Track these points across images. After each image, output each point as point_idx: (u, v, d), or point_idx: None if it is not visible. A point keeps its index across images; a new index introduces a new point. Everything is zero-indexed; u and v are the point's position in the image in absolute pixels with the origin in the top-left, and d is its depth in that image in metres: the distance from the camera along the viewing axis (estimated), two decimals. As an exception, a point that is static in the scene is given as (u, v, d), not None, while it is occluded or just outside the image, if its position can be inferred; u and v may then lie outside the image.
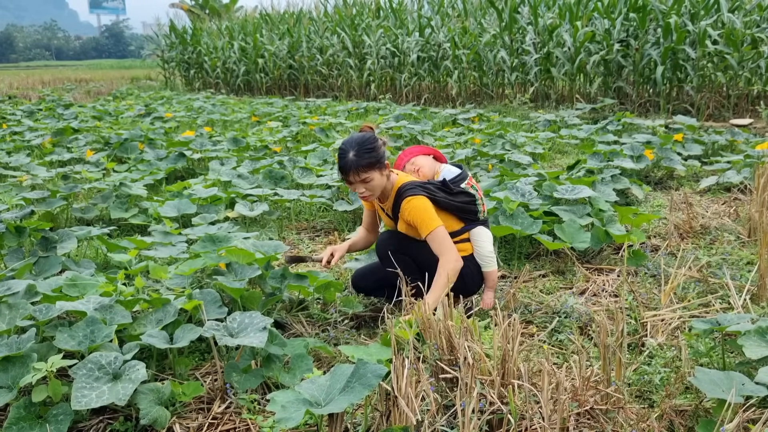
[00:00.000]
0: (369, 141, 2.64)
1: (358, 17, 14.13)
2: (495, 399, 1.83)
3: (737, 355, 2.28)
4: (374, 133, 2.72)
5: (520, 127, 8.17)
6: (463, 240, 2.81)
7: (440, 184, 2.76)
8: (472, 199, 2.79)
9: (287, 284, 2.80)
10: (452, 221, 2.77)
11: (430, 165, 2.95)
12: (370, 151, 2.62)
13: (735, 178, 4.83)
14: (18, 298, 2.44)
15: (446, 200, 2.72)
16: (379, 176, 2.66)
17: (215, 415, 2.15)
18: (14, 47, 79.47)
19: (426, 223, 2.62)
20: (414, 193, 2.65)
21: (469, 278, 2.78)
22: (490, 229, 2.90)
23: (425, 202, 2.64)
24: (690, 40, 8.75)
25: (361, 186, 2.66)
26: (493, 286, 2.86)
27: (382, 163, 2.66)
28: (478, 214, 2.83)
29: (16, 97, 15.68)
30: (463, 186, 2.79)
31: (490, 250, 2.82)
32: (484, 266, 2.82)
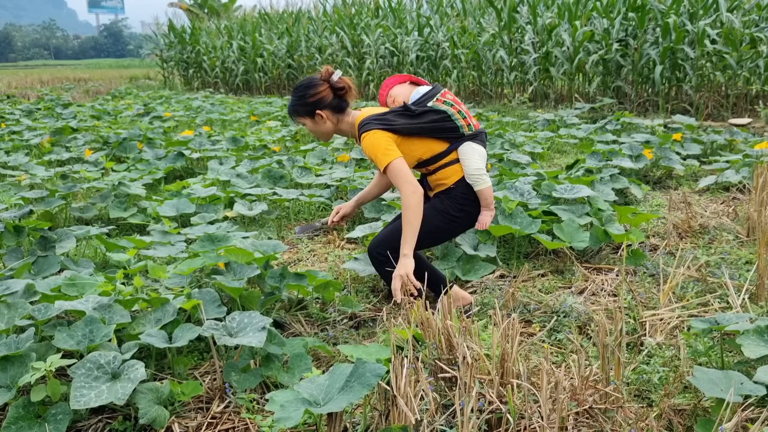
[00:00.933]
0: (303, 88, 2.62)
1: (357, 17, 14.13)
2: (494, 398, 1.83)
3: (736, 355, 2.29)
4: (319, 79, 2.63)
5: (518, 126, 8.17)
6: (452, 161, 2.65)
7: (401, 110, 2.63)
8: (444, 116, 2.62)
9: (286, 284, 2.80)
10: (433, 144, 2.63)
11: (405, 93, 2.78)
12: (300, 99, 2.62)
13: (734, 178, 4.84)
14: (17, 297, 2.44)
15: (409, 125, 2.58)
16: (312, 123, 2.64)
17: (214, 415, 2.15)
18: (13, 46, 79.37)
19: (379, 159, 2.51)
20: (367, 128, 2.56)
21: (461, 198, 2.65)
22: (484, 143, 2.71)
23: (377, 137, 2.53)
24: (689, 40, 8.76)
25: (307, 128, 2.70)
26: (488, 205, 2.69)
27: (312, 111, 2.62)
28: (461, 130, 2.65)
29: (15, 96, 15.67)
30: (430, 104, 2.62)
31: (476, 167, 2.63)
32: (475, 186, 2.65)
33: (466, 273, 3.19)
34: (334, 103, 2.62)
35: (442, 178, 2.68)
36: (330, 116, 2.63)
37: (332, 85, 2.61)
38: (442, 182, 2.69)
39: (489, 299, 2.94)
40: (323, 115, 2.62)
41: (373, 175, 4.92)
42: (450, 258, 3.26)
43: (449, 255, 3.28)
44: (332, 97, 2.62)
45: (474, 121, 2.71)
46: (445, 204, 2.71)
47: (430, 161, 2.66)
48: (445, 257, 3.27)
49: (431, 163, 2.67)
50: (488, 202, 2.69)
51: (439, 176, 2.69)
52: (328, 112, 2.62)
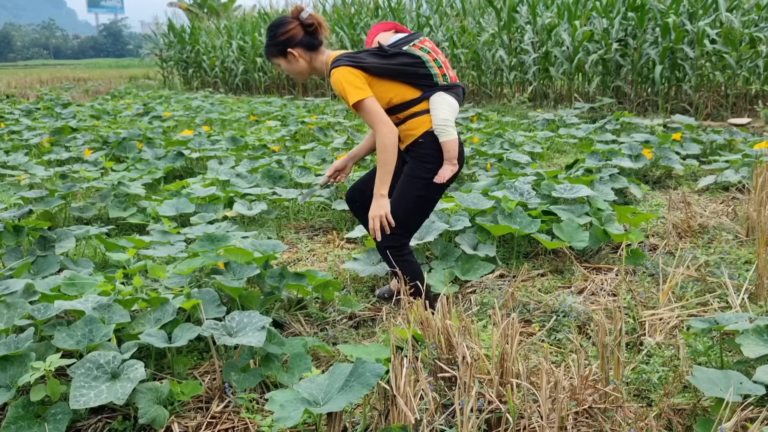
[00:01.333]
0: (274, 27, 2.62)
1: (356, 16, 14.13)
2: (493, 398, 1.83)
3: (735, 354, 2.29)
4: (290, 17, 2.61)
5: (518, 126, 8.17)
6: (423, 111, 2.58)
7: (375, 50, 2.57)
8: (418, 60, 2.54)
9: (286, 283, 2.80)
10: (405, 90, 2.56)
11: (386, 39, 2.71)
12: (272, 38, 2.62)
13: (733, 178, 4.84)
14: (16, 297, 2.44)
15: (379, 65, 2.51)
16: (286, 63, 2.63)
17: (214, 415, 2.15)
18: (12, 46, 79.33)
19: (349, 94, 2.45)
20: (336, 65, 2.50)
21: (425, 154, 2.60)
22: (459, 97, 2.63)
23: (345, 73, 2.47)
24: (688, 40, 8.76)
25: (280, 69, 2.73)
26: (450, 158, 2.59)
27: (284, 49, 2.59)
28: (435, 78, 2.57)
29: (14, 96, 15.66)
30: (406, 48, 2.55)
31: (443, 117, 2.55)
32: (440, 137, 2.56)
33: (466, 272, 3.19)
34: (306, 40, 2.59)
35: (410, 128, 2.60)
36: (303, 54, 2.59)
37: (302, 22, 2.58)
38: (411, 132, 2.61)
39: (488, 299, 2.94)
40: (295, 54, 2.59)
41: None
42: (449, 258, 3.26)
43: (448, 255, 3.28)
44: (303, 34, 2.58)
45: (451, 73, 2.64)
46: (415, 168, 2.63)
47: (401, 107, 2.58)
48: (445, 257, 3.27)
49: (402, 110, 2.59)
50: (450, 155, 2.59)
51: (408, 126, 2.60)
52: (300, 50, 2.58)
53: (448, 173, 2.61)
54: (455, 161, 2.60)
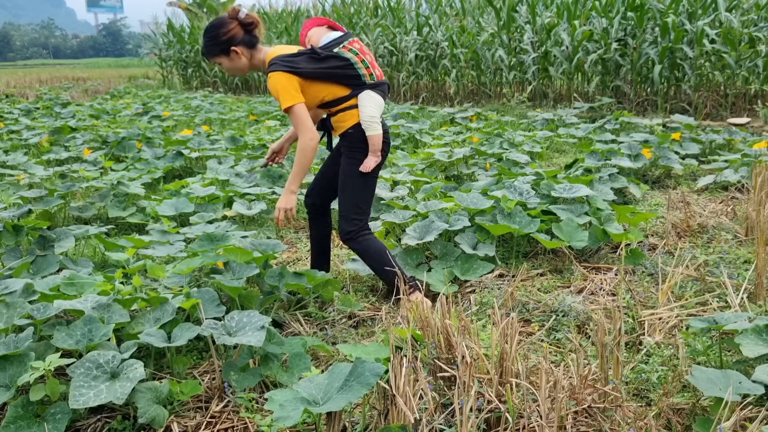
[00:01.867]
0: (214, 28, 2.74)
1: (356, 16, 14.12)
2: (493, 397, 1.84)
3: (734, 354, 2.29)
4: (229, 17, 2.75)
5: (517, 125, 8.17)
6: (352, 106, 2.81)
7: (308, 53, 2.75)
8: (347, 63, 2.74)
9: (285, 283, 2.80)
10: (336, 88, 2.77)
11: (319, 35, 2.86)
12: (213, 39, 2.73)
13: (732, 177, 4.84)
14: (15, 296, 2.44)
15: (312, 69, 2.70)
16: (229, 61, 2.77)
17: (213, 414, 2.15)
18: (11, 46, 79.28)
19: (281, 99, 2.67)
20: (273, 69, 2.68)
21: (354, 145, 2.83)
22: (385, 93, 2.85)
23: (280, 79, 2.65)
24: (688, 39, 8.76)
25: (220, 68, 2.83)
26: (375, 151, 2.83)
27: (227, 48, 2.73)
28: (363, 78, 2.78)
29: (14, 95, 15.65)
30: (336, 50, 2.73)
31: (369, 114, 2.78)
32: (366, 131, 2.81)
33: (465, 272, 3.19)
34: (246, 39, 2.75)
35: (341, 120, 2.84)
36: (244, 52, 2.75)
37: (241, 22, 2.74)
38: (342, 124, 2.85)
39: (488, 298, 2.94)
40: (238, 51, 2.74)
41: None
42: (448, 257, 3.26)
43: (448, 254, 3.28)
44: (243, 33, 2.74)
45: (378, 72, 2.84)
46: (351, 154, 2.87)
47: (332, 104, 2.81)
48: (444, 256, 3.27)
49: (333, 106, 2.82)
50: (375, 148, 2.84)
51: (339, 118, 2.84)
52: (242, 48, 2.74)
53: (371, 163, 2.85)
54: (379, 153, 2.86)
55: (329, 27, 2.90)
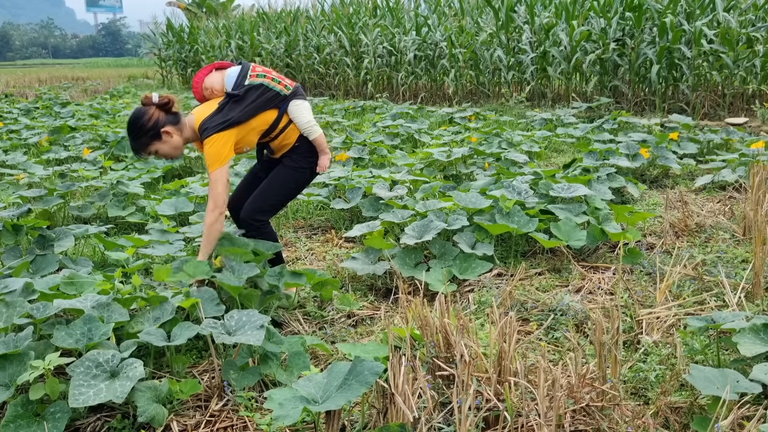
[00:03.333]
0: (136, 120, 2.75)
1: (355, 16, 14.12)
2: (491, 396, 1.84)
3: (732, 353, 2.30)
4: (144, 106, 2.77)
5: (516, 125, 8.18)
6: (288, 123, 2.91)
7: (228, 99, 2.80)
8: (264, 88, 2.83)
9: (285, 282, 2.81)
10: (266, 115, 2.86)
11: (218, 79, 2.91)
12: (140, 130, 2.75)
13: (730, 177, 4.85)
14: (15, 296, 2.44)
15: (243, 112, 2.77)
16: (162, 144, 2.79)
17: (213, 413, 2.16)
18: (11, 45, 79.16)
19: (210, 163, 2.74)
20: (208, 134, 2.73)
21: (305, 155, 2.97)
22: (304, 96, 2.97)
23: (216, 142, 2.72)
24: (685, 39, 8.77)
25: (156, 156, 2.83)
26: (324, 150, 2.99)
27: (157, 132, 2.75)
28: (281, 94, 2.88)
29: (13, 95, 15.63)
30: (247, 82, 2.81)
31: (306, 120, 2.91)
32: (309, 136, 2.93)
33: (464, 271, 3.20)
34: (170, 118, 2.79)
35: (284, 140, 2.95)
36: (174, 130, 2.78)
37: (158, 105, 2.78)
38: (286, 143, 2.96)
39: (486, 298, 2.95)
40: (169, 131, 2.77)
41: (371, 173, 4.93)
42: (447, 256, 3.27)
43: (446, 253, 3.29)
44: (164, 114, 2.78)
45: (287, 81, 2.93)
46: (296, 160, 2.99)
47: (269, 130, 2.89)
48: (443, 256, 3.28)
49: (271, 131, 2.90)
50: (323, 147, 2.99)
51: (281, 140, 2.94)
52: (170, 127, 2.77)
53: (327, 162, 3.01)
54: (327, 150, 3.02)
55: (217, 68, 2.95)
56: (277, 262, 3.06)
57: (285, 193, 3.04)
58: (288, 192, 3.05)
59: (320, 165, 3.00)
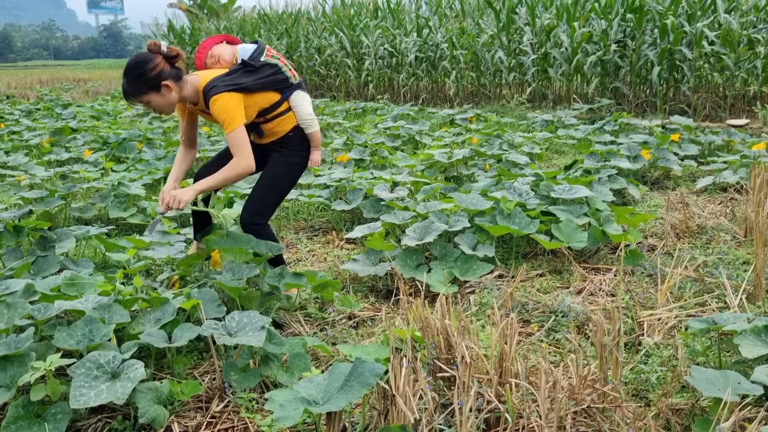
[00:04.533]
0: (139, 65, 2.62)
1: (356, 17, 14.13)
2: (492, 398, 1.84)
3: (733, 354, 2.30)
4: (152, 53, 2.66)
5: (517, 127, 8.18)
6: (286, 110, 2.91)
7: (242, 67, 2.78)
8: (277, 68, 2.85)
9: (285, 283, 2.81)
10: (270, 95, 2.85)
11: (228, 50, 2.91)
12: (140, 76, 2.61)
13: (731, 178, 4.85)
14: (16, 297, 2.44)
15: (254, 81, 2.77)
16: (159, 97, 2.66)
17: (213, 414, 2.16)
18: (12, 47, 79.24)
19: (228, 123, 2.67)
20: (217, 91, 2.67)
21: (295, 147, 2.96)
22: (306, 91, 2.99)
23: (228, 101, 2.67)
24: (687, 41, 8.77)
25: (147, 106, 2.72)
26: (318, 145, 3.01)
27: (158, 83, 2.63)
28: (290, 80, 2.90)
29: (14, 96, 15.65)
30: (263, 59, 2.82)
31: (308, 112, 2.93)
32: (307, 128, 2.94)
33: (465, 273, 3.20)
34: (173, 72, 2.68)
35: (278, 126, 2.91)
36: (174, 86, 2.68)
37: (165, 56, 2.67)
38: (280, 129, 2.92)
39: (487, 299, 2.94)
40: (169, 85, 2.66)
41: (372, 175, 4.93)
42: (448, 258, 3.27)
43: (447, 255, 3.28)
44: (169, 67, 2.67)
45: (296, 72, 2.97)
46: (287, 155, 2.97)
47: (269, 110, 2.86)
48: (444, 257, 3.28)
49: (269, 112, 2.87)
50: (317, 143, 3.01)
51: (275, 124, 2.90)
52: (171, 82, 2.66)
53: (318, 158, 3.04)
54: (320, 146, 3.04)
55: (228, 42, 2.95)
56: (278, 264, 3.05)
57: (281, 191, 3.02)
58: (284, 190, 3.02)
59: (312, 160, 3.02)
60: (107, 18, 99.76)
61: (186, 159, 2.99)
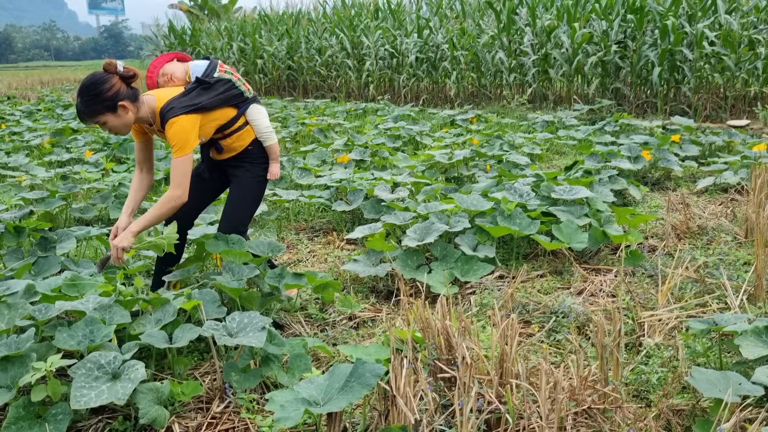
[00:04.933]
0: (95, 85, 2.55)
1: (356, 18, 14.14)
2: (493, 398, 1.84)
3: (734, 355, 2.29)
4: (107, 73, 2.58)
5: (518, 127, 8.18)
6: (244, 125, 2.89)
7: (197, 86, 2.73)
8: (232, 84, 2.82)
9: (285, 283, 2.81)
10: (227, 110, 2.82)
11: (180, 68, 2.84)
12: (96, 96, 2.54)
13: (732, 179, 4.85)
14: (17, 297, 2.44)
15: (210, 99, 2.73)
16: (115, 117, 2.58)
17: (214, 415, 2.16)
18: (13, 48, 79.27)
19: (179, 147, 2.62)
20: (174, 114, 2.62)
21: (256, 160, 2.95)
22: (261, 104, 2.97)
23: (184, 124, 2.62)
24: (687, 42, 8.77)
25: (102, 127, 2.66)
26: (276, 158, 2.99)
27: (114, 104, 2.56)
28: (245, 95, 2.88)
29: (15, 97, 15.67)
30: (216, 75, 2.78)
31: (266, 125, 2.93)
32: (265, 141, 2.93)
33: (465, 274, 3.20)
34: (130, 93, 2.62)
35: (237, 141, 2.89)
36: (131, 106, 2.61)
37: (122, 76, 2.61)
38: (238, 145, 2.90)
39: (488, 300, 2.94)
40: (126, 106, 2.59)
41: (372, 176, 4.93)
42: (449, 258, 3.27)
43: (448, 256, 3.28)
44: (126, 87, 2.62)
45: (249, 86, 2.95)
46: (251, 170, 2.96)
47: (226, 126, 2.84)
48: (444, 258, 3.28)
49: (227, 128, 2.84)
50: (276, 155, 3.00)
51: (234, 139, 2.88)
52: (128, 102, 2.60)
53: (277, 170, 3.00)
54: (278, 158, 3.01)
55: (178, 59, 2.89)
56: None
57: (254, 202, 2.99)
58: (257, 201, 3.00)
59: (271, 172, 2.99)
60: (108, 19, 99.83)
61: (142, 186, 2.88)
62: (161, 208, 2.63)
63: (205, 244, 2.84)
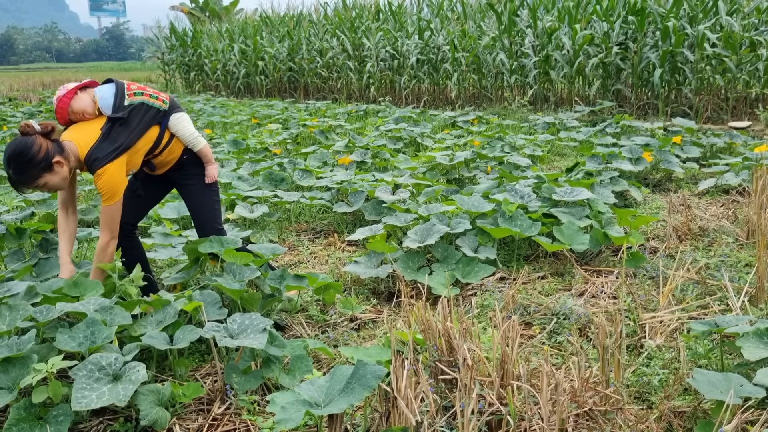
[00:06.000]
0: (24, 152, 2.48)
1: (357, 20, 14.15)
2: (494, 400, 1.84)
3: (735, 357, 2.29)
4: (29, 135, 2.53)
5: (519, 129, 8.18)
6: (170, 139, 2.84)
7: (111, 125, 2.65)
8: (145, 106, 2.75)
9: (286, 285, 2.81)
10: (149, 133, 2.76)
11: (87, 101, 2.70)
12: (28, 163, 2.48)
13: (733, 181, 4.84)
14: (18, 299, 2.44)
15: (130, 135, 2.67)
16: (53, 175, 2.55)
17: (215, 416, 2.16)
18: (15, 49, 79.39)
19: (108, 197, 2.62)
20: (99, 164, 2.58)
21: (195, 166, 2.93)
22: (182, 110, 2.91)
23: (112, 173, 2.60)
24: (688, 43, 8.77)
25: (42, 189, 2.63)
26: (210, 160, 2.96)
27: (49, 163, 2.52)
28: (161, 110, 2.80)
29: (17, 99, 15.69)
30: (127, 102, 2.70)
31: (190, 132, 2.87)
32: (194, 147, 2.89)
33: (466, 275, 3.20)
34: (56, 146, 2.57)
35: (168, 155, 2.87)
36: (63, 159, 2.57)
37: (42, 134, 2.55)
38: (171, 158, 2.89)
39: (489, 301, 2.94)
40: (60, 161, 2.55)
41: (373, 177, 4.93)
42: (450, 260, 3.27)
43: (449, 257, 3.28)
44: (50, 142, 2.56)
45: (164, 96, 2.87)
46: (197, 175, 2.95)
47: (154, 147, 2.81)
48: (445, 259, 3.28)
49: (155, 148, 2.82)
50: (209, 158, 2.96)
51: (165, 155, 2.86)
52: (59, 157, 2.55)
53: (215, 172, 2.98)
54: (213, 159, 2.99)
55: (83, 88, 2.75)
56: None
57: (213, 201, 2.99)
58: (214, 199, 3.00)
59: (208, 175, 2.95)
60: (109, 21, 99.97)
61: (69, 226, 2.85)
62: (101, 259, 2.67)
63: (198, 248, 2.84)
